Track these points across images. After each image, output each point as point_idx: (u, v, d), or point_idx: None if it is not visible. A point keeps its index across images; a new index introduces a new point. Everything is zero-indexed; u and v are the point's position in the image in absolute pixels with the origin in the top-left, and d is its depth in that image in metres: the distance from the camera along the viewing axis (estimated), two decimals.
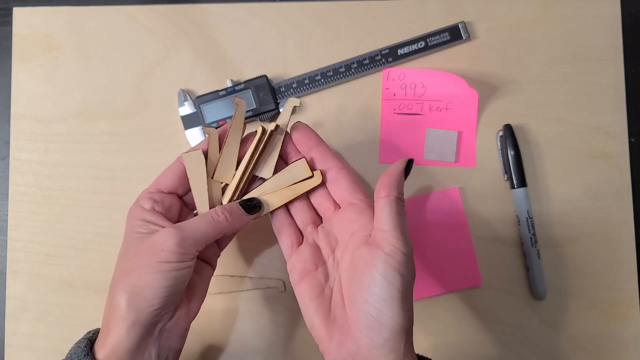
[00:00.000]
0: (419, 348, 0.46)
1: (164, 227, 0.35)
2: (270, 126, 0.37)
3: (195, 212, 0.40)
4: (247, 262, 0.47)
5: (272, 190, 0.38)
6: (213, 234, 0.36)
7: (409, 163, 0.37)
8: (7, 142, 0.48)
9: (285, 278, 0.47)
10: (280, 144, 0.38)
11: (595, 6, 0.48)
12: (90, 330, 0.38)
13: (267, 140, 0.38)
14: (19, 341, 0.47)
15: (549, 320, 0.46)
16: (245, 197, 0.38)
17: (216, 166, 0.38)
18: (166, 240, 0.34)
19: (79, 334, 0.47)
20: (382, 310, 0.32)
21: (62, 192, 0.48)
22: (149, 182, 0.47)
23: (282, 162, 0.40)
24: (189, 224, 0.35)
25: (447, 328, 0.47)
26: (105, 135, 0.48)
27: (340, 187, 0.38)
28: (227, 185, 0.39)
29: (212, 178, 0.38)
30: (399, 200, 0.35)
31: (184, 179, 0.38)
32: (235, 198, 0.38)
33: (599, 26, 0.48)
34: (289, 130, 0.39)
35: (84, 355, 0.33)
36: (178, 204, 0.38)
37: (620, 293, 0.47)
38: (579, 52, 0.48)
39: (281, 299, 0.47)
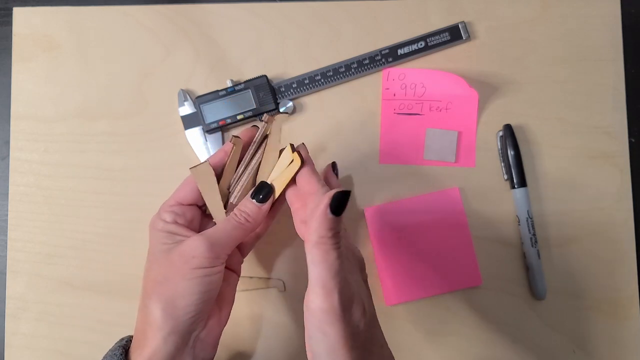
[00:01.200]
0: (418, 348, 0.46)
1: (188, 237, 0.36)
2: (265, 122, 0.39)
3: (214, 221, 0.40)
4: (247, 262, 0.47)
5: (271, 181, 0.39)
6: (239, 235, 0.37)
7: (337, 197, 0.31)
8: (7, 142, 0.48)
9: (285, 278, 0.47)
10: (280, 139, 0.39)
11: (595, 6, 0.48)
12: (122, 337, 0.38)
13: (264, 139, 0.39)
14: (19, 341, 0.47)
15: (549, 320, 0.46)
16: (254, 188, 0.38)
17: (236, 179, 0.39)
18: (197, 247, 0.34)
19: (79, 334, 0.47)
20: None
21: (62, 192, 0.48)
22: (149, 182, 0.48)
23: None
24: (215, 229, 0.36)
25: (447, 328, 0.47)
26: (105, 135, 0.48)
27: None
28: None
29: (229, 189, 0.39)
30: (321, 245, 0.31)
31: None
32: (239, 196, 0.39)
33: (599, 26, 0.48)
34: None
35: None
36: (199, 215, 0.39)
37: (620, 293, 0.47)
38: (579, 52, 0.48)
39: (281, 299, 0.47)
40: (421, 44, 0.48)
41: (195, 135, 0.47)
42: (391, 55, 0.48)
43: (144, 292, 0.36)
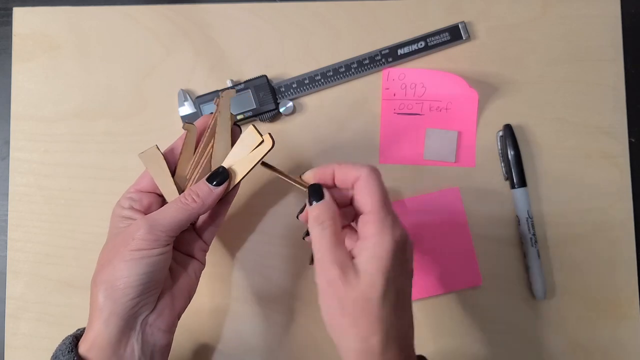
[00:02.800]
0: (418, 348, 0.46)
1: None
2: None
3: None
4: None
5: (233, 164, 0.38)
6: (183, 218, 0.36)
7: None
8: (7, 142, 0.48)
9: (282, 276, 0.47)
10: (230, 124, 0.38)
11: (595, 6, 0.48)
12: (79, 328, 0.38)
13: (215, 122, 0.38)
14: (19, 341, 0.47)
15: (549, 320, 0.46)
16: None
17: (192, 165, 0.38)
18: (137, 228, 0.35)
19: None
20: (331, 332, 0.34)
21: (62, 192, 0.48)
22: None
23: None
24: (159, 211, 0.36)
25: (447, 328, 0.47)
26: (105, 135, 0.48)
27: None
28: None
29: (187, 176, 0.38)
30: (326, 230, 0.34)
31: None
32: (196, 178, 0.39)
33: (599, 26, 0.48)
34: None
35: (69, 352, 0.34)
36: (158, 202, 0.39)
37: (620, 293, 0.47)
38: (579, 52, 0.48)
39: (281, 299, 0.47)
40: (421, 44, 0.48)
41: None
42: (391, 55, 0.48)
43: (92, 276, 0.36)
